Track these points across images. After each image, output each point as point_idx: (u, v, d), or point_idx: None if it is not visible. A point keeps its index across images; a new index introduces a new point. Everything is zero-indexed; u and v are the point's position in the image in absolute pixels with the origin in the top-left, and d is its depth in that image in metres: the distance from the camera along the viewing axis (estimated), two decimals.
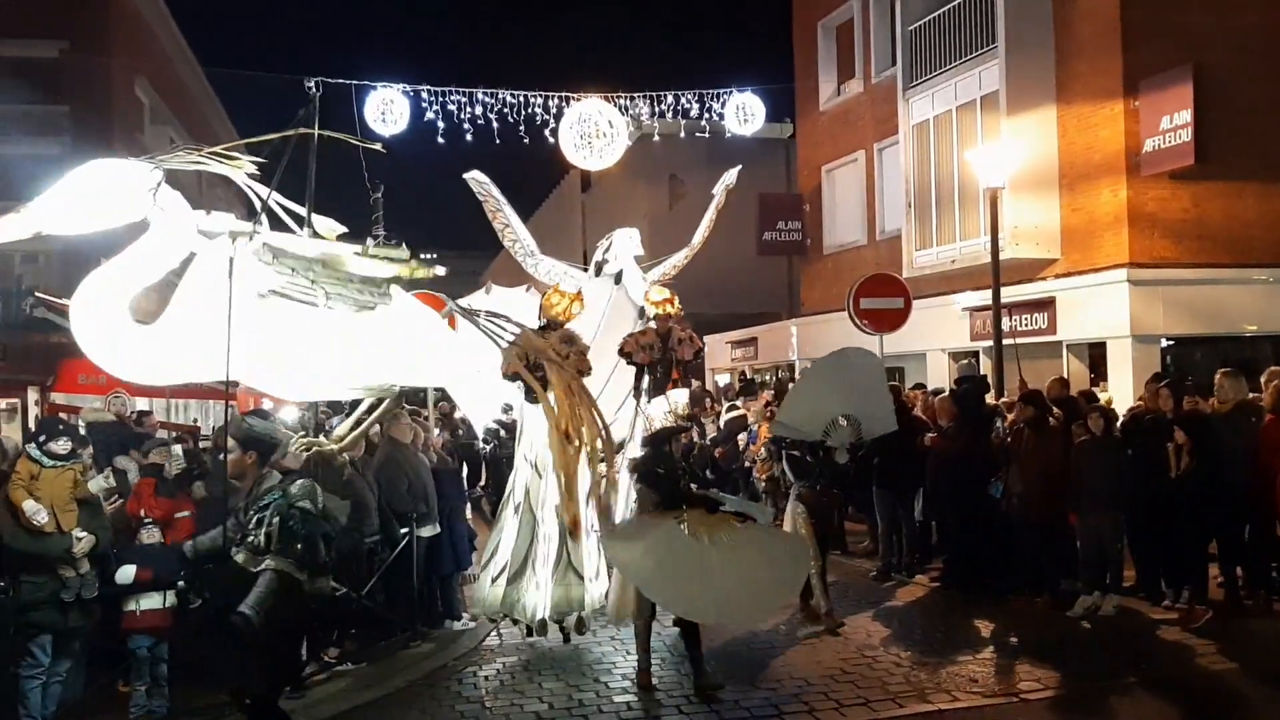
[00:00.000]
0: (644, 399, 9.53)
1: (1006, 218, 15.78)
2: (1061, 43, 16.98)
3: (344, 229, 7.17)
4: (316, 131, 6.10)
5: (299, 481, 5.99)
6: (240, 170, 5.91)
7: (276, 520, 5.95)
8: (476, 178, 10.19)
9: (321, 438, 7.53)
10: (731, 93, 19.99)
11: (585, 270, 12.56)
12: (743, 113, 19.84)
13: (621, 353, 9.32)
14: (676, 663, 8.25)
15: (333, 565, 8.15)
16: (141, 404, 14.13)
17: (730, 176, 11.56)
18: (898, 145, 20.35)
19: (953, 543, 11.11)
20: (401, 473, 9.26)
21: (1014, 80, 17.08)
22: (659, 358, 9.44)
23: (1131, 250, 15.51)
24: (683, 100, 20.10)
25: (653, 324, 9.67)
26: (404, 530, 9.13)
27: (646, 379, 9.49)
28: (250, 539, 6.00)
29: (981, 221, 16.62)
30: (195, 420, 18.58)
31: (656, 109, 19.97)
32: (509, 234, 10.31)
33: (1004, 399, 12.21)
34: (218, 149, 5.77)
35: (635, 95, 19.69)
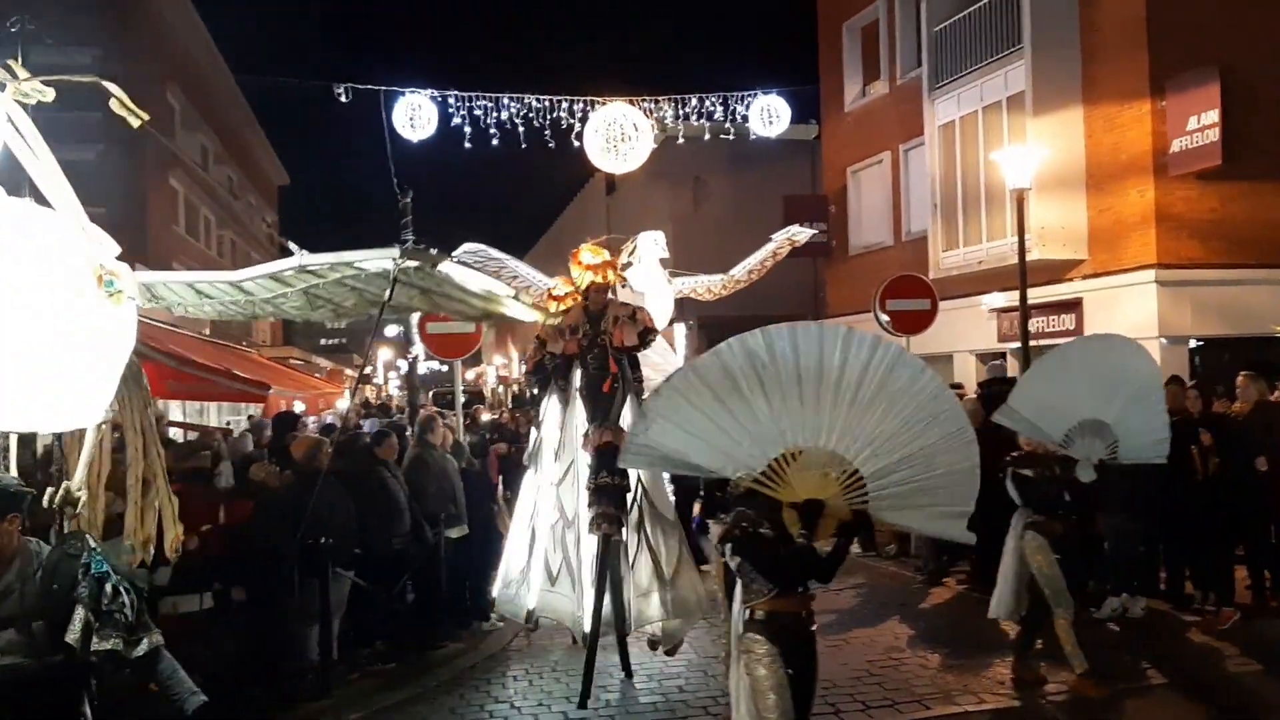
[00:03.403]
0: (573, 404, 7.98)
1: (1033, 218, 15.72)
2: (1087, 43, 16.92)
3: None
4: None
5: (73, 540, 4.22)
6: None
7: (124, 590, 4.20)
8: (468, 249, 9.43)
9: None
10: (756, 94, 20.00)
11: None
12: (768, 114, 19.85)
13: (536, 340, 7.90)
14: (703, 665, 8.30)
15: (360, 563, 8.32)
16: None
17: (800, 232, 11.59)
18: (923, 146, 20.30)
19: (980, 545, 11.09)
20: (430, 474, 9.36)
21: (1040, 81, 17.02)
22: (587, 344, 7.80)
23: (1159, 251, 15.44)
24: (707, 102, 20.12)
25: (570, 299, 7.98)
26: (433, 531, 9.22)
27: (578, 375, 7.94)
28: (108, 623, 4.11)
29: (1008, 222, 16.58)
30: (228, 423, 18.81)
31: (681, 111, 20.00)
32: (520, 284, 9.49)
33: None
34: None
35: (660, 98, 19.74)
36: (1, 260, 3.78)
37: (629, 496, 7.70)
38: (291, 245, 4.22)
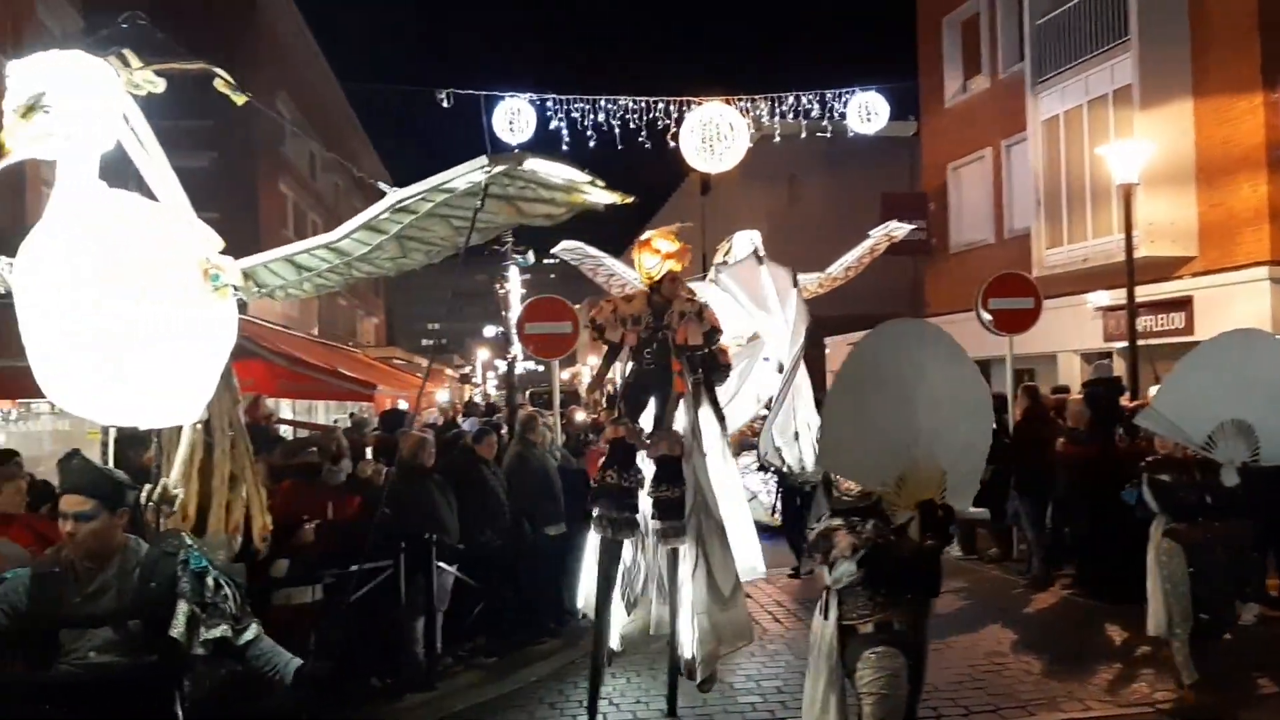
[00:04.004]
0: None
1: (1141, 214, 15.35)
2: (1197, 34, 16.43)
3: None
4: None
5: (170, 539, 4.13)
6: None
7: (225, 582, 4.09)
8: (566, 247, 9.52)
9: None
10: (854, 92, 19.86)
11: (703, 279, 12.66)
12: (865, 111, 19.69)
13: (592, 325, 7.42)
14: (802, 667, 8.28)
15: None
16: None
17: (899, 228, 11.44)
18: (1026, 142, 19.94)
19: (1085, 549, 10.89)
20: (530, 472, 9.51)
21: (1147, 73, 16.59)
22: (647, 338, 7.24)
23: (1273, 247, 14.92)
24: (804, 100, 20.04)
25: (640, 286, 7.55)
26: (532, 529, 9.36)
27: (626, 369, 7.48)
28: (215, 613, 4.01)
29: (1114, 219, 16.20)
30: (336, 421, 19.29)
31: (777, 110, 19.95)
32: (616, 281, 9.82)
33: (1138, 402, 11.91)
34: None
35: (755, 97, 19.71)
36: (106, 252, 3.75)
37: (686, 507, 7.16)
38: (383, 185, 4.24)
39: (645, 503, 7.31)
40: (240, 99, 4.48)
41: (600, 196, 4.48)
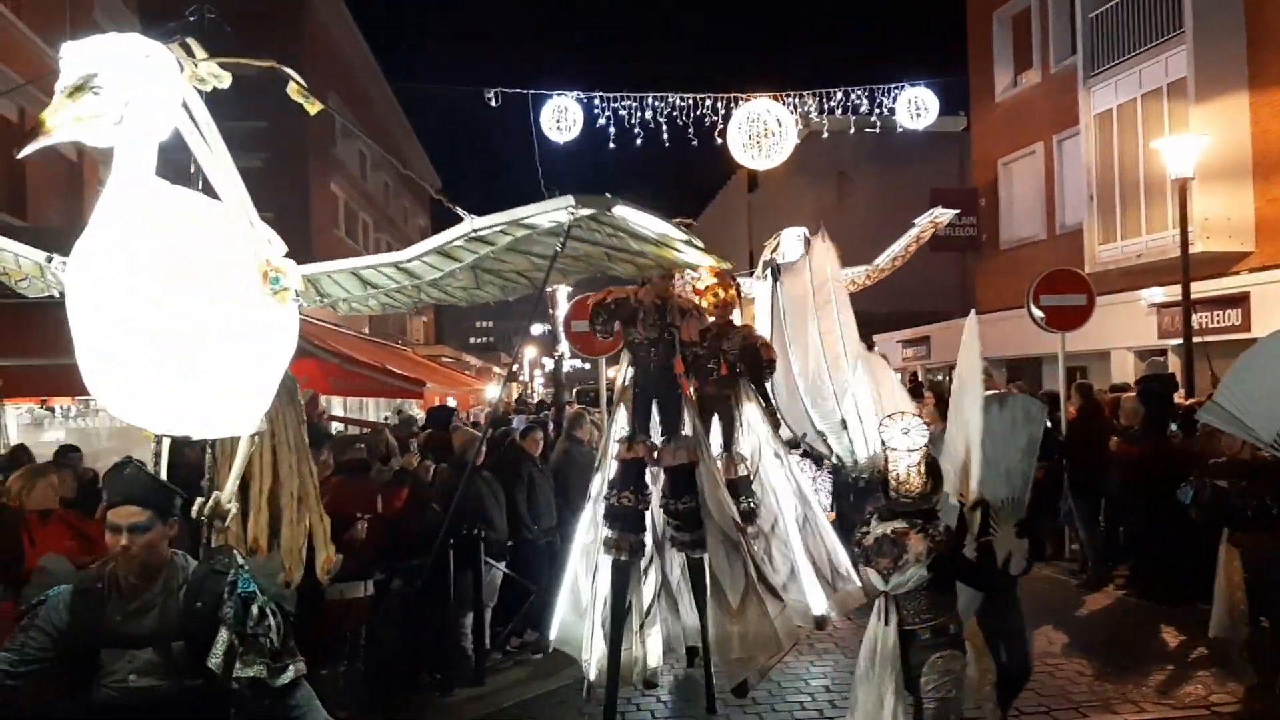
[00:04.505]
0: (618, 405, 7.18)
1: (1196, 209, 15.09)
2: (1253, 25, 16.13)
3: None
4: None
5: (220, 556, 3.91)
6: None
7: (270, 611, 3.81)
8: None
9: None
10: (904, 87, 19.73)
11: (750, 275, 12.63)
12: (915, 106, 19.54)
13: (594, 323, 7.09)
14: (851, 666, 8.25)
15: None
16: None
17: (944, 215, 11.32)
18: (1078, 136, 19.70)
19: (1140, 550, 10.74)
20: (577, 469, 9.55)
21: (1203, 66, 16.31)
22: (655, 336, 6.97)
23: None
24: (852, 96, 19.93)
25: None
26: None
27: (628, 373, 7.23)
28: (253, 647, 3.72)
29: (1169, 214, 15.98)
30: (386, 418, 19.47)
31: (825, 105, 19.86)
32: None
33: (1194, 400, 11.72)
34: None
35: (804, 93, 19.64)
36: (164, 247, 3.51)
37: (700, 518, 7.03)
38: (459, 210, 3.93)
39: (657, 515, 7.28)
40: (314, 107, 4.26)
41: (694, 257, 4.25)
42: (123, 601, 3.65)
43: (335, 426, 13.24)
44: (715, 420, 7.77)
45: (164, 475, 4.14)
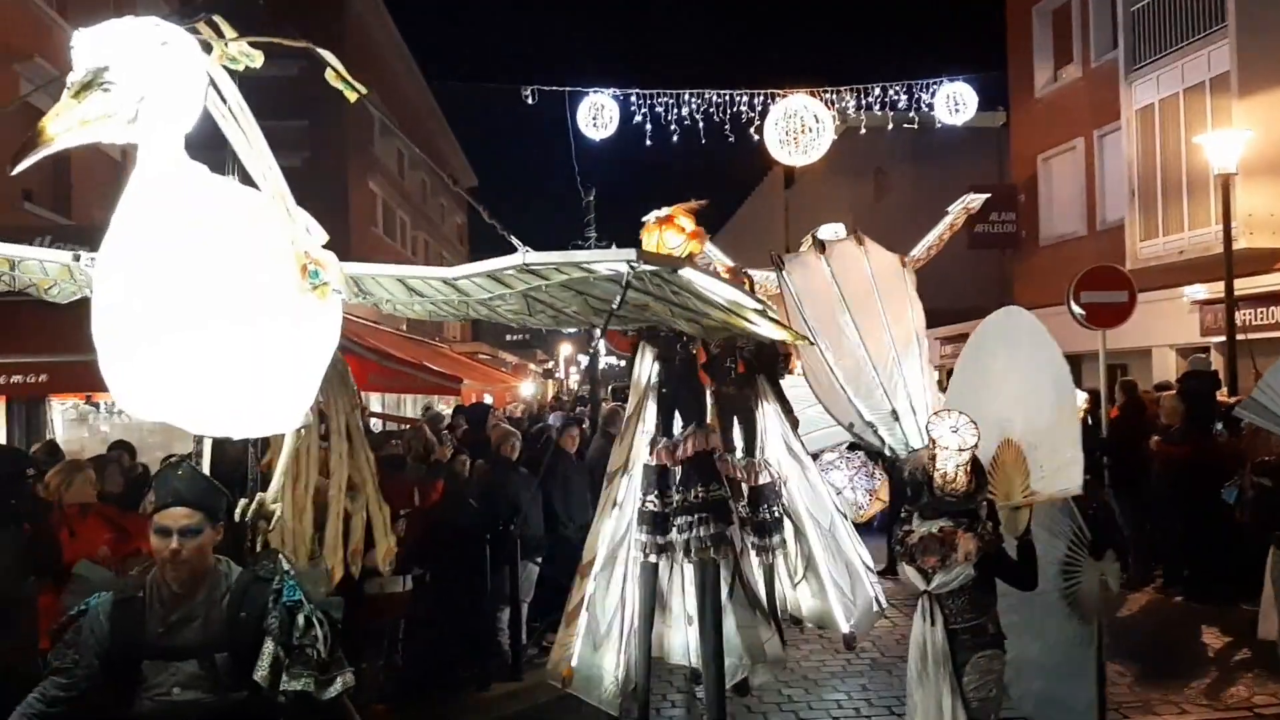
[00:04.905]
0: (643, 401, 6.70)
1: (1239, 205, 14.90)
2: None
3: None
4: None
5: (265, 562, 3.78)
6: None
7: (317, 621, 3.68)
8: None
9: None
10: (942, 82, 19.60)
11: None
12: (954, 102, 19.42)
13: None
14: (889, 665, 8.23)
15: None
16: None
17: (974, 200, 11.21)
18: (1119, 132, 19.47)
19: (1180, 549, 10.62)
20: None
21: (1246, 60, 16.08)
22: (662, 333, 6.53)
23: None
24: (891, 92, 19.82)
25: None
26: None
27: (646, 366, 6.70)
28: (299, 659, 3.60)
29: (1212, 210, 15.76)
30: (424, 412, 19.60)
31: (863, 101, 19.77)
32: (701, 260, 9.64)
33: (1236, 397, 11.58)
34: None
35: (841, 88, 19.55)
36: (197, 242, 3.28)
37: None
38: (514, 240, 3.73)
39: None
40: (354, 95, 4.01)
41: (767, 329, 4.01)
42: (165, 612, 3.52)
43: (374, 423, 13.34)
44: (735, 423, 7.19)
45: (206, 469, 4.01)
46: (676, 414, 6.56)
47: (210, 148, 3.68)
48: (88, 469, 6.52)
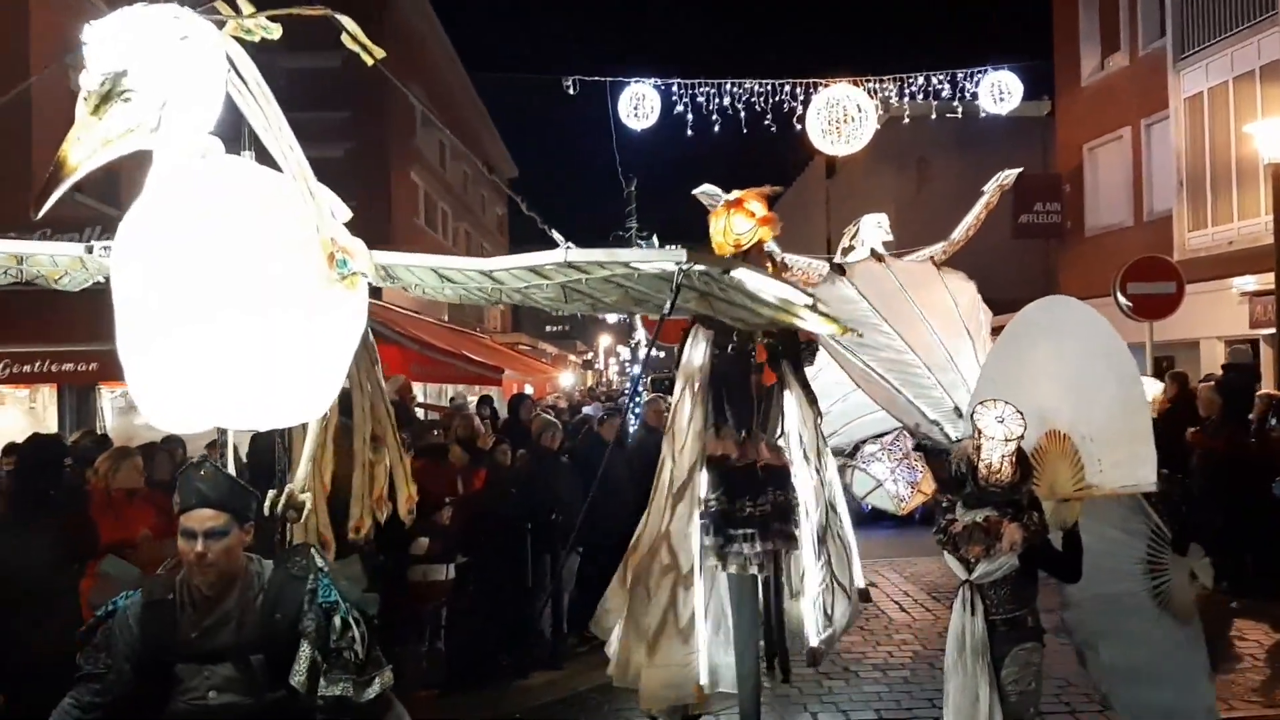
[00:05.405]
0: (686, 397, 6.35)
1: None
2: None
3: None
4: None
5: (297, 559, 3.62)
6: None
7: (353, 621, 3.57)
8: (707, 191, 8.89)
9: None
10: (986, 71, 19.40)
11: (830, 260, 12.52)
12: (998, 90, 19.22)
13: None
14: (931, 657, 8.19)
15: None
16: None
17: (1007, 177, 11.11)
18: (1168, 121, 19.21)
19: (1220, 543, 10.46)
20: (654, 456, 9.57)
21: None
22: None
23: None
24: (934, 80, 19.65)
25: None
26: None
27: (699, 355, 6.42)
28: (337, 663, 3.48)
29: (1262, 200, 15.50)
30: (464, 401, 19.72)
31: (906, 90, 19.60)
32: None
33: (1275, 391, 11.39)
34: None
35: (884, 78, 19.40)
36: (216, 228, 3.13)
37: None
38: (556, 235, 3.63)
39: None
40: (370, 59, 3.87)
41: (816, 324, 3.88)
42: (197, 615, 3.41)
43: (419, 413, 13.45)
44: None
45: (232, 469, 3.91)
46: (725, 404, 6.36)
47: (229, 139, 3.55)
48: (136, 456, 6.63)
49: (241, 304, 3.10)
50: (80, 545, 5.83)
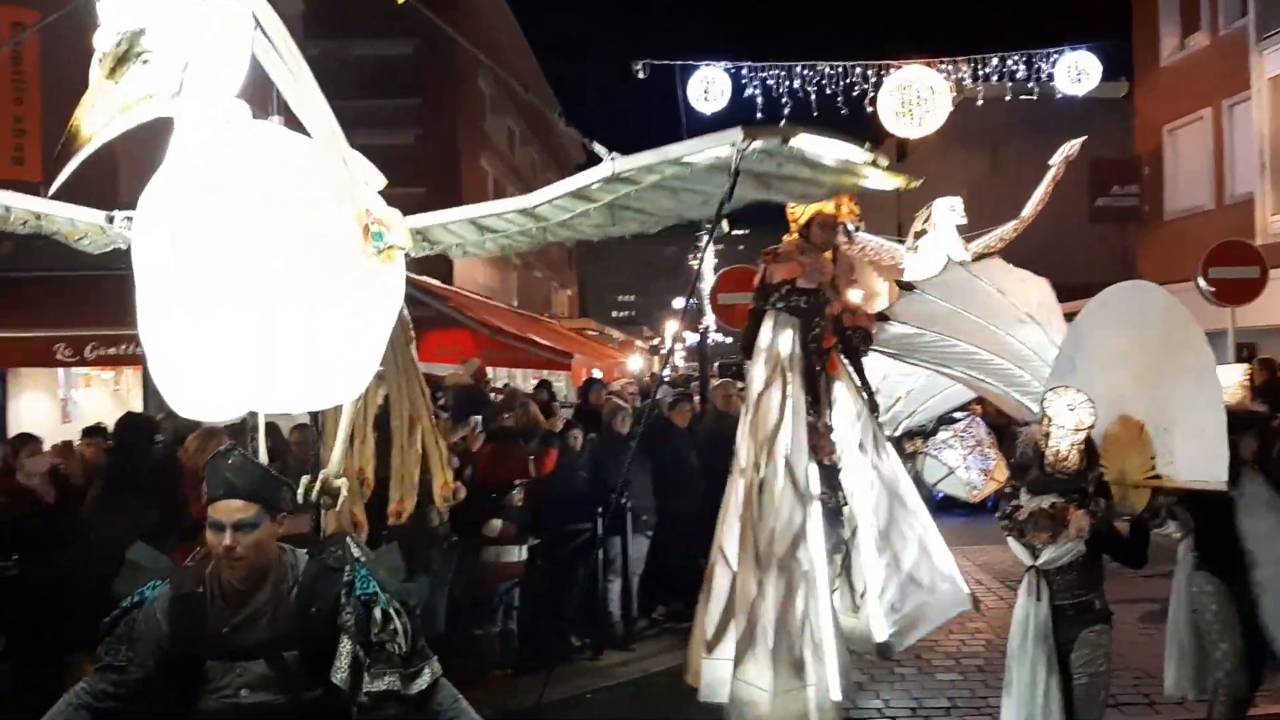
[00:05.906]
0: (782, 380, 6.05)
1: None
2: None
3: None
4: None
5: (333, 549, 3.43)
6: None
7: (395, 613, 3.35)
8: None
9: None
10: (1063, 51, 19.00)
11: (901, 243, 12.42)
12: (1075, 71, 18.83)
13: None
14: (1003, 646, 8.10)
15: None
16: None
17: (1072, 147, 10.94)
18: (1250, 102, 18.74)
19: None
20: (724, 441, 9.58)
21: None
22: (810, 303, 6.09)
23: None
24: (1009, 62, 19.29)
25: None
26: None
27: (785, 339, 6.15)
28: (380, 657, 3.28)
29: None
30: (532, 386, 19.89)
31: (980, 72, 19.27)
32: None
33: None
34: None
35: (958, 59, 19.09)
36: (243, 200, 2.92)
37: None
38: (599, 148, 3.38)
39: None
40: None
41: (879, 180, 3.61)
42: (228, 610, 3.24)
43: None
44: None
45: (264, 456, 3.72)
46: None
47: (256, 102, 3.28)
48: (222, 434, 6.80)
49: (270, 282, 2.92)
50: (171, 522, 6.00)
